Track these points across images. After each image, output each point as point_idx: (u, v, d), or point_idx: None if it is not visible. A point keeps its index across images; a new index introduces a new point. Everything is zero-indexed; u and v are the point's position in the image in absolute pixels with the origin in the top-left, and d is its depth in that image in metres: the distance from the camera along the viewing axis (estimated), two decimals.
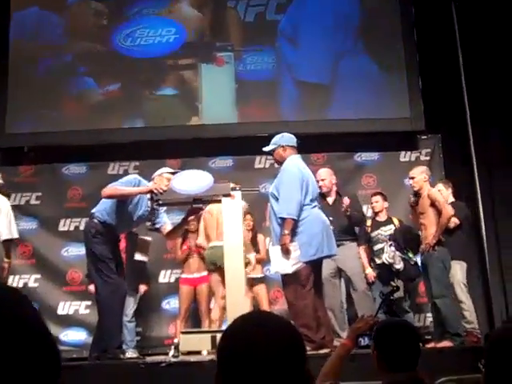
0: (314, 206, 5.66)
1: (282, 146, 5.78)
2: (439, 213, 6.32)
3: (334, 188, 7.01)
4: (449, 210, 6.34)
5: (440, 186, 6.88)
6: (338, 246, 6.35)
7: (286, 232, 5.42)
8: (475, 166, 8.02)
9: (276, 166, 6.07)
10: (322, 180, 6.86)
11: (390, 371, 2.47)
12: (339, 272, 6.81)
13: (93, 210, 5.86)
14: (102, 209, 5.79)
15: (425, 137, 8.29)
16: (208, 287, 7.25)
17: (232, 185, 5.62)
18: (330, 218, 6.51)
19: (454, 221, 6.54)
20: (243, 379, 1.33)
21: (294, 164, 5.68)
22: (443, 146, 8.26)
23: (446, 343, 6.06)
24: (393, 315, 6.15)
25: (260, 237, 7.32)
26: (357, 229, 7.06)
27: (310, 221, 5.54)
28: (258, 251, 7.16)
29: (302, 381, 1.37)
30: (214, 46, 8.45)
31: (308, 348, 5.37)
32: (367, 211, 7.61)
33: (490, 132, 8.20)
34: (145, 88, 8.42)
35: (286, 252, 5.43)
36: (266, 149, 5.92)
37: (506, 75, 8.09)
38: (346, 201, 6.80)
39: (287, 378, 1.33)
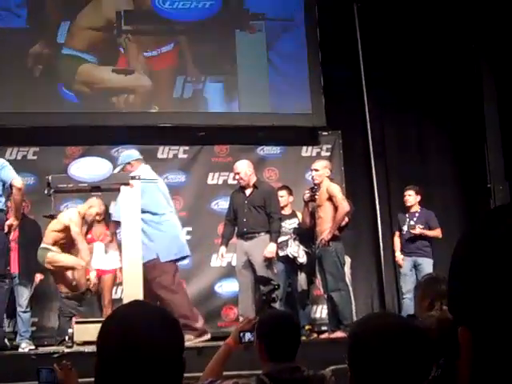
0: (171, 211, 6.26)
1: (129, 163, 6.19)
2: (335, 208, 6.47)
3: (253, 179, 6.82)
4: (345, 207, 6.48)
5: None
6: (252, 238, 6.60)
7: None
8: (373, 163, 8.32)
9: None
10: (237, 173, 6.79)
11: (270, 361, 2.55)
12: (250, 263, 6.77)
13: None
14: None
15: (326, 133, 8.48)
16: (112, 278, 7.19)
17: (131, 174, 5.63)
18: (245, 210, 6.56)
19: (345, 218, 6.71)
20: (121, 367, 1.35)
21: (149, 173, 6.19)
22: (343, 142, 8.50)
23: (339, 334, 6.22)
24: None
25: None
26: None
27: (171, 224, 6.16)
28: None
29: (178, 366, 1.40)
30: None
31: (192, 336, 5.58)
32: None
33: (387, 130, 8.59)
34: None
35: None
36: (115, 171, 6.13)
37: (405, 74, 8.46)
38: None
39: (164, 364, 1.37)
